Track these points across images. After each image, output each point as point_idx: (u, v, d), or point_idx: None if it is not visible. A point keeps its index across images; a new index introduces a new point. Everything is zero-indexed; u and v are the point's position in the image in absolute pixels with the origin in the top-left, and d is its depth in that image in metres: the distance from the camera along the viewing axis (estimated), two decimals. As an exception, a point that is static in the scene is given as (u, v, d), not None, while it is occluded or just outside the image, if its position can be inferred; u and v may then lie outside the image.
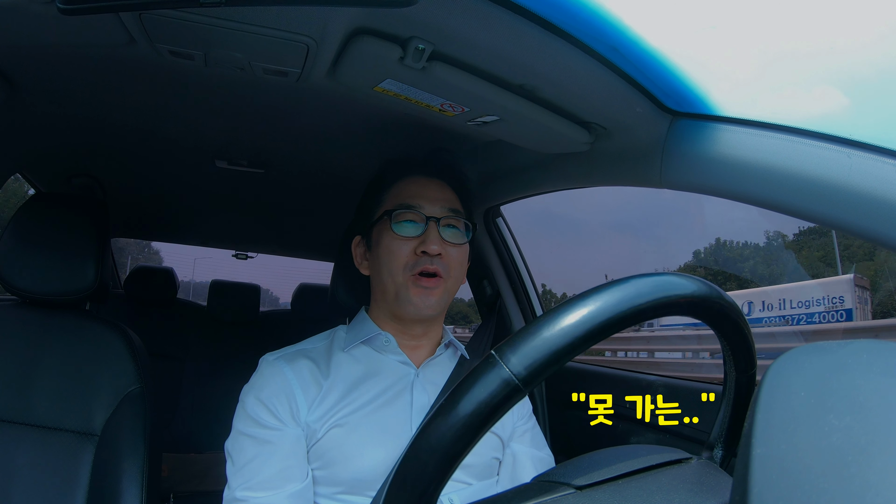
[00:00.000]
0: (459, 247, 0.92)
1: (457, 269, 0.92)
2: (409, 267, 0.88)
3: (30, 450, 0.98)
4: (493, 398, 0.38)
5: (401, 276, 0.89)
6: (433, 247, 0.87)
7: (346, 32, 0.69)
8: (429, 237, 0.88)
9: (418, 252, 0.88)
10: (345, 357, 0.91)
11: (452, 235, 0.92)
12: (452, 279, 0.92)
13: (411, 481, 0.40)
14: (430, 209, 0.91)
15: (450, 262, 0.90)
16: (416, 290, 0.88)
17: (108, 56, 0.83)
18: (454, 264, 0.91)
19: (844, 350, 0.33)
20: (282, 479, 0.78)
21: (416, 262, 0.88)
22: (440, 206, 0.91)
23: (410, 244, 0.89)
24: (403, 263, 0.89)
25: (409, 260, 0.89)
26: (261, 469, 0.78)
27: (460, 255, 0.92)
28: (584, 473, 0.46)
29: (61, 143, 1.38)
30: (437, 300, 0.89)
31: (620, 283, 0.42)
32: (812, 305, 6.72)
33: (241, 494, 0.78)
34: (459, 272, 0.93)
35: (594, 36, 0.67)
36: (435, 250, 0.87)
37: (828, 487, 0.26)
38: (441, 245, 0.89)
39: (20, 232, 1.05)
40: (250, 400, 0.84)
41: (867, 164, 0.60)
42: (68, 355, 1.04)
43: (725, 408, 0.54)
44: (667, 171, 0.83)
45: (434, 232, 0.89)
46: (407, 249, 0.89)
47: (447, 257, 0.90)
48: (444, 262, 0.89)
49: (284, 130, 1.21)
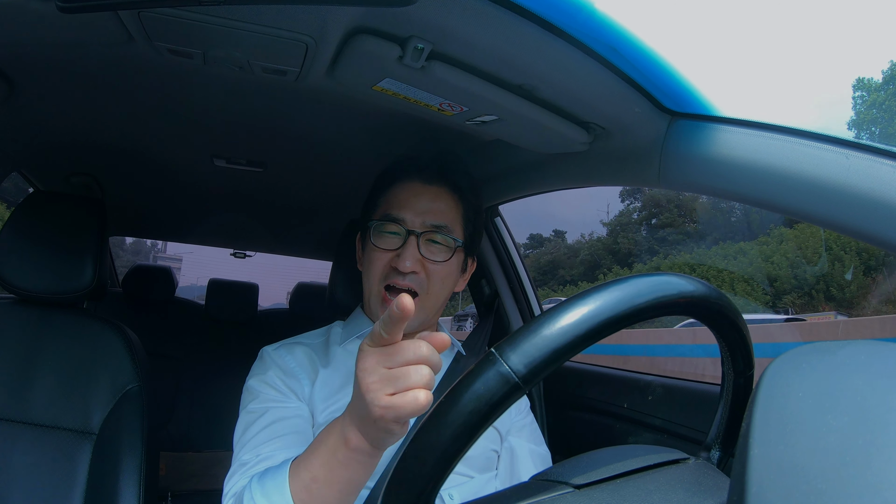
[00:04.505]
0: (442, 263, 0.89)
1: (437, 284, 0.89)
2: (381, 279, 0.88)
3: (28, 448, 0.97)
4: (492, 395, 0.38)
5: (375, 286, 0.88)
6: (406, 263, 0.85)
7: (345, 31, 0.69)
8: (404, 253, 0.86)
9: (393, 265, 0.87)
10: (341, 351, 0.93)
11: (434, 251, 0.89)
12: (431, 296, 0.89)
13: (409, 478, 0.40)
14: (412, 222, 0.89)
15: (429, 278, 0.88)
16: (383, 308, 0.87)
17: (107, 54, 0.83)
18: (434, 280, 0.88)
19: (842, 351, 0.33)
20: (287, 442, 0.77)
21: (388, 274, 0.87)
22: (426, 219, 0.89)
23: (386, 256, 0.88)
24: (378, 274, 0.88)
25: (383, 271, 0.88)
26: (266, 436, 0.78)
27: (443, 271, 0.90)
28: (582, 472, 0.46)
29: (59, 141, 1.37)
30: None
31: (620, 282, 0.42)
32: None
33: (246, 457, 0.75)
34: (440, 288, 0.90)
35: (593, 36, 0.67)
36: (408, 267, 0.85)
37: (826, 488, 0.26)
38: (417, 262, 0.87)
39: (18, 230, 1.05)
40: (254, 382, 0.86)
41: (865, 165, 0.60)
42: (66, 354, 1.04)
43: (723, 408, 0.54)
44: (665, 171, 0.83)
45: (412, 248, 0.87)
46: (384, 260, 0.88)
47: (425, 273, 0.87)
48: (419, 278, 0.87)
49: (283, 129, 1.21)
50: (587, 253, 32.28)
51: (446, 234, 0.90)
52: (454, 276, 0.93)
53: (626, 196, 31.96)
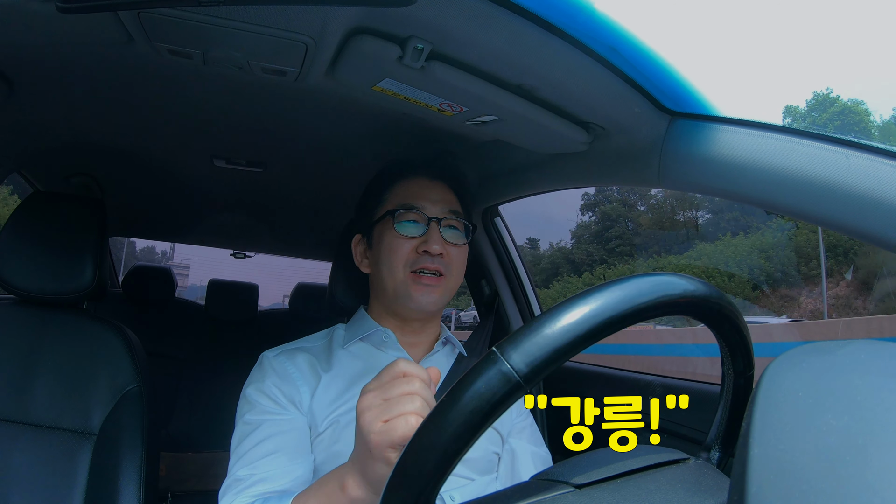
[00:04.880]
0: (460, 247, 0.94)
1: (457, 267, 0.94)
2: (409, 264, 0.90)
3: (28, 449, 0.97)
4: (494, 395, 0.38)
5: (401, 273, 0.90)
6: (435, 246, 0.89)
7: (345, 32, 0.69)
8: (431, 237, 0.90)
9: (420, 251, 0.90)
10: (344, 354, 0.93)
11: (453, 236, 0.94)
12: (454, 277, 0.94)
13: (410, 479, 0.40)
14: (431, 210, 0.92)
15: (451, 261, 0.92)
16: (417, 288, 0.89)
17: (107, 55, 0.83)
18: (455, 263, 0.93)
19: (842, 350, 0.33)
20: (284, 459, 0.78)
21: (417, 259, 0.90)
22: (442, 207, 0.93)
23: (412, 243, 0.91)
24: (404, 261, 0.90)
25: (409, 257, 0.90)
26: (263, 451, 0.78)
27: (461, 255, 0.95)
28: (582, 472, 0.46)
29: (59, 141, 1.37)
30: (438, 297, 0.91)
31: (622, 281, 0.42)
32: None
33: (242, 473, 0.76)
34: (459, 271, 0.95)
35: (593, 36, 0.67)
36: (437, 250, 0.89)
37: (825, 488, 0.26)
38: (442, 245, 0.91)
39: (18, 231, 1.05)
40: (251, 391, 0.85)
41: (865, 165, 0.60)
42: (66, 354, 1.04)
43: (723, 408, 0.54)
44: (665, 170, 0.83)
45: (436, 232, 0.91)
46: (408, 248, 0.91)
47: (448, 257, 0.92)
48: (445, 261, 0.91)
49: (283, 129, 1.21)
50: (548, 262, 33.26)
51: (462, 219, 0.95)
52: (466, 261, 0.98)
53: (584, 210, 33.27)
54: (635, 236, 31.18)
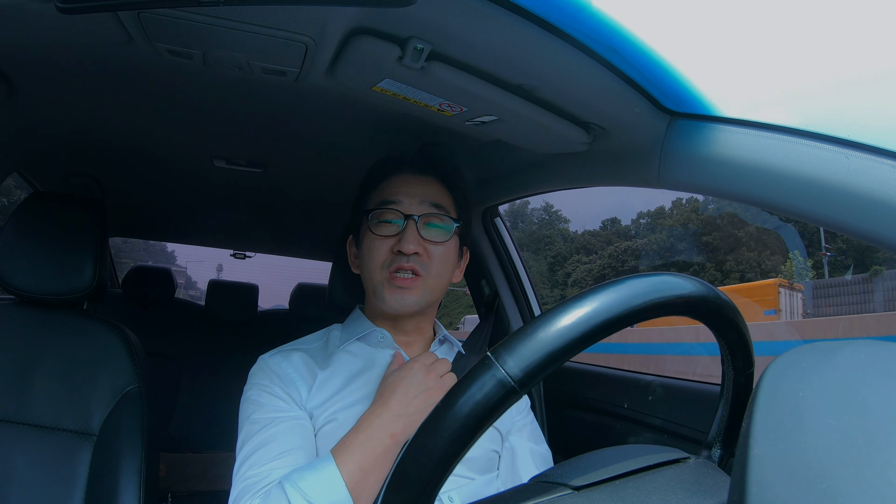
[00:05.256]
0: (442, 244, 0.91)
1: (438, 266, 0.91)
2: (386, 265, 0.89)
3: (27, 449, 0.97)
4: (488, 400, 0.38)
5: (378, 274, 0.89)
6: (409, 246, 0.87)
7: (345, 32, 0.69)
8: (405, 236, 0.88)
9: (395, 250, 0.88)
10: (340, 353, 0.93)
11: (434, 234, 0.91)
12: (434, 277, 0.91)
13: (408, 481, 0.40)
14: (409, 206, 0.90)
15: (429, 259, 0.90)
16: (391, 290, 0.88)
17: (107, 55, 0.83)
18: (436, 262, 0.91)
19: (843, 350, 0.33)
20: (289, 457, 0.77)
21: (393, 259, 0.88)
22: (421, 202, 0.91)
23: (388, 243, 0.89)
24: (381, 262, 0.89)
25: (386, 258, 0.89)
26: (268, 449, 0.77)
27: (443, 253, 0.92)
28: (581, 474, 0.46)
29: (59, 142, 1.37)
30: (415, 298, 0.89)
31: (617, 283, 0.42)
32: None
33: (250, 473, 0.75)
34: (441, 269, 0.92)
35: (593, 36, 0.67)
36: (410, 249, 0.87)
37: (826, 487, 0.26)
38: (419, 243, 0.89)
39: (18, 231, 1.05)
40: (254, 393, 0.86)
41: (865, 165, 0.60)
42: (66, 355, 1.04)
43: (723, 407, 0.54)
44: (665, 171, 0.83)
45: (412, 230, 0.89)
46: (385, 248, 0.89)
47: (426, 255, 0.89)
48: (422, 260, 0.89)
49: (283, 130, 1.21)
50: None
51: (443, 214, 0.92)
52: (453, 258, 0.95)
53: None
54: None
